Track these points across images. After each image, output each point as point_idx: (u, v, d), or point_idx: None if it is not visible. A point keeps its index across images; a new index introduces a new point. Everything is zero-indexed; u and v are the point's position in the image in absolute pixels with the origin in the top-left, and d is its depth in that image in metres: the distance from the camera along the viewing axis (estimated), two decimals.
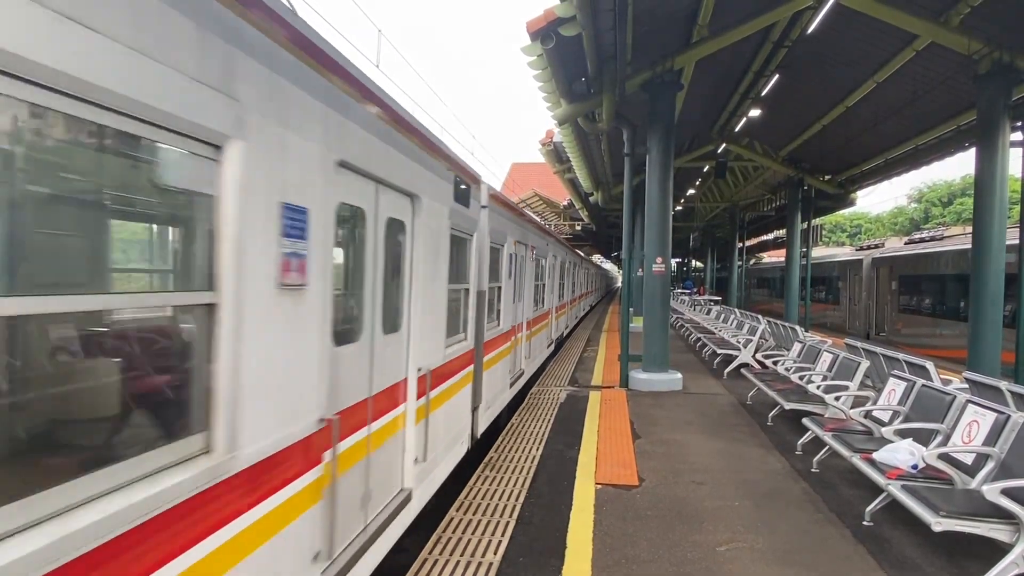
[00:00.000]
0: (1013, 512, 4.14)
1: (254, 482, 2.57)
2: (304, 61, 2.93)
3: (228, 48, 2.32)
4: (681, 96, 12.75)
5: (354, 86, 3.59)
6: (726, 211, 36.02)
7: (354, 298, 3.93)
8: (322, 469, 3.18)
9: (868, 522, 5.47)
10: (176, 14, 2.02)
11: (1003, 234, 11.31)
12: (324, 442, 3.19)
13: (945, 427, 5.78)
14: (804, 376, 9.24)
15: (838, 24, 12.11)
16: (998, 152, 11.30)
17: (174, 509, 2.06)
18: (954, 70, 12.71)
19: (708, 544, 4.99)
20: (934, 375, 7.76)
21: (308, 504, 3.06)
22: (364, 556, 3.74)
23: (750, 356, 13.91)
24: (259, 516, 2.61)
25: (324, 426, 3.17)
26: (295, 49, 2.85)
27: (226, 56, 2.31)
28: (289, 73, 2.78)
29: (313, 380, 3.10)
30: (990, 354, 11.19)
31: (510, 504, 5.72)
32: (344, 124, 3.40)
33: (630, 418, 9.30)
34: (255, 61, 2.49)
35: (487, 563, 4.55)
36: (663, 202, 11.86)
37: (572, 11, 8.69)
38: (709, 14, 10.73)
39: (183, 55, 2.05)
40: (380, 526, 4.05)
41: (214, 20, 2.23)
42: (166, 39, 1.97)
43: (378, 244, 4.10)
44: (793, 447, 7.73)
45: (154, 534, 1.98)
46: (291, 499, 2.88)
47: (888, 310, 23.59)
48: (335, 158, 3.26)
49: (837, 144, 19.96)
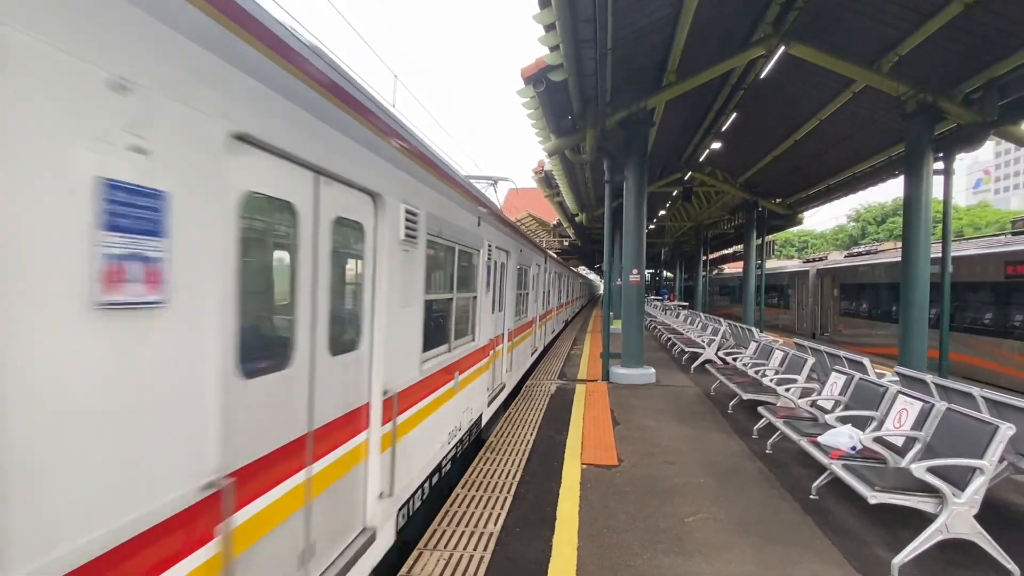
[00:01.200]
0: (936, 487, 4.18)
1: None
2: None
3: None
4: (653, 131, 12.81)
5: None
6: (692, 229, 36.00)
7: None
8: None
9: (814, 496, 5.50)
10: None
11: (928, 249, 11.39)
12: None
13: (879, 414, 5.82)
14: (759, 371, 9.28)
15: (787, 70, 12.21)
16: (923, 179, 11.40)
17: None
18: (885, 109, 12.80)
19: (677, 515, 5.00)
20: (870, 370, 7.79)
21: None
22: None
23: (713, 353, 13.92)
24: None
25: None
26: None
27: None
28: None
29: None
30: (918, 352, 11.23)
31: (508, 482, 5.72)
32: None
33: (611, 407, 9.29)
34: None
35: (488, 533, 4.56)
36: (638, 222, 11.91)
37: (560, 60, 8.76)
38: (677, 62, 10.82)
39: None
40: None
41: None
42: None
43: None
44: (750, 432, 7.74)
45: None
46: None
47: (831, 314, 23.64)
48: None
49: (787, 172, 20.03)
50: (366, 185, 3.38)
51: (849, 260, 24.13)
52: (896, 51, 10.57)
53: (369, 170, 3.41)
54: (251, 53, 2.25)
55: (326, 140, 2.87)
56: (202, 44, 1.97)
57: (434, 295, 5.17)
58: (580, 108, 11.17)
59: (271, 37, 2.39)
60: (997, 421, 4.37)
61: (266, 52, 2.34)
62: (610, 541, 4.48)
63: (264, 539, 2.45)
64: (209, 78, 2.02)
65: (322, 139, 2.83)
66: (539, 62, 9.23)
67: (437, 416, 5.16)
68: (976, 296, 14.57)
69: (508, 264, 9.01)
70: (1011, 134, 11.13)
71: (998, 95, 10.54)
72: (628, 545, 4.42)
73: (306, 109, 2.66)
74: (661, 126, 14.08)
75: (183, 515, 1.91)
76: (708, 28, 10.21)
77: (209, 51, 2.00)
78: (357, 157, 3.23)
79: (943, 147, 11.85)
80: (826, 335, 23.50)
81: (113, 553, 1.63)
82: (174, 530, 1.87)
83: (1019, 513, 5.40)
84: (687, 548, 4.40)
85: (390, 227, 3.72)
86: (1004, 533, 4.44)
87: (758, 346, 11.01)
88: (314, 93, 2.74)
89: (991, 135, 11.18)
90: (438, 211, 4.91)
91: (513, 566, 4.06)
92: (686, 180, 21.52)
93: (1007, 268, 13.49)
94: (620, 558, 4.21)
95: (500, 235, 8.18)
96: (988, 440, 4.25)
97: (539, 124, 11.67)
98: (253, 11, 2.29)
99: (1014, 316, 13.28)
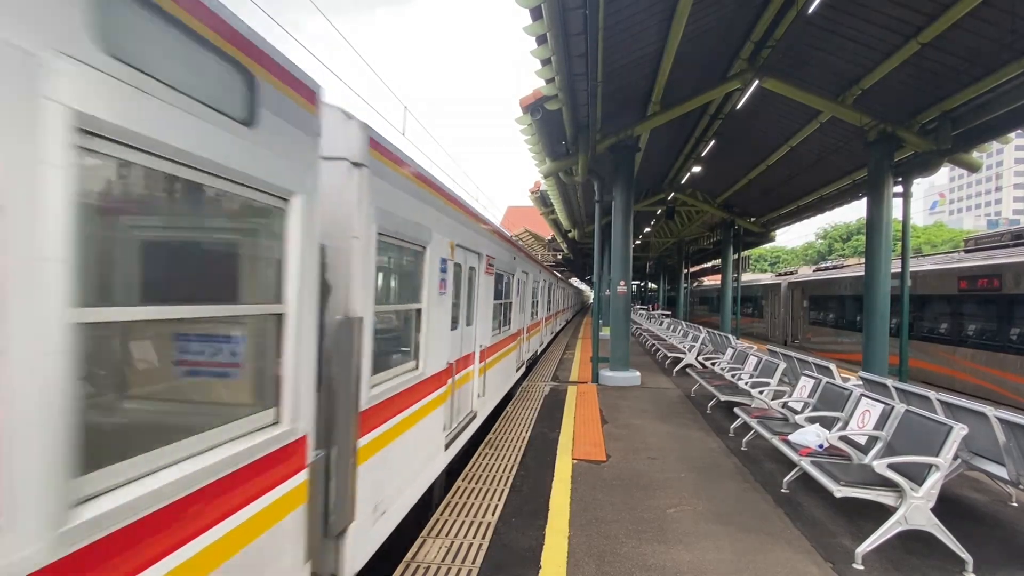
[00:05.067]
0: (896, 482, 4.18)
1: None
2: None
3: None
4: (639, 156, 12.89)
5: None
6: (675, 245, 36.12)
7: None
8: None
9: (785, 490, 5.49)
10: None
11: (888, 264, 11.45)
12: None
13: (844, 415, 5.82)
14: (735, 374, 9.27)
15: (760, 102, 12.31)
16: (884, 201, 11.49)
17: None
18: (850, 137, 12.92)
19: (660, 507, 4.99)
20: (836, 374, 7.79)
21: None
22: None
23: (693, 358, 13.92)
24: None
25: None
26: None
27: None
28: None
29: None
30: (880, 358, 11.25)
31: (505, 475, 5.70)
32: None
33: (600, 407, 9.26)
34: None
35: (487, 522, 4.53)
36: (625, 238, 11.95)
37: (555, 91, 8.84)
38: (661, 94, 10.92)
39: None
40: None
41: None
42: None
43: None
44: (727, 430, 7.73)
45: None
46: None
47: (801, 323, 23.65)
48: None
49: (760, 193, 20.14)
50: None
51: (817, 274, 24.19)
52: (859, 85, 10.69)
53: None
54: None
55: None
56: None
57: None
58: (573, 134, 11.26)
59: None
60: (951, 422, 4.38)
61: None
62: (598, 530, 4.46)
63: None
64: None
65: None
66: (536, 93, 9.32)
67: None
68: (932, 308, 14.62)
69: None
70: (963, 161, 11.23)
71: (951, 126, 10.65)
72: (615, 534, 4.40)
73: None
74: (646, 151, 14.16)
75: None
76: (689, 63, 10.32)
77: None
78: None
79: (902, 172, 11.95)
80: (796, 342, 23.51)
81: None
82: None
83: (972, 506, 5.39)
84: (669, 537, 4.38)
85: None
86: (958, 525, 4.45)
87: (734, 352, 11.02)
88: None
89: (945, 162, 11.28)
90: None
91: (509, 553, 4.04)
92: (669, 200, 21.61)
93: (960, 283, 13.56)
94: (607, 546, 4.19)
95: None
96: (943, 439, 4.25)
97: (536, 148, 11.76)
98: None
99: (967, 326, 13.32)
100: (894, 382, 6.82)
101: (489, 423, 7.98)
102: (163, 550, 1.71)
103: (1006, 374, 11.95)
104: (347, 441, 2.96)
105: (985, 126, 10.44)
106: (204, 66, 1.86)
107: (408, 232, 3.97)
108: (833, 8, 8.99)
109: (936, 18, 8.38)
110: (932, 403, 5.71)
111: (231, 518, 2.04)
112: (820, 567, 3.97)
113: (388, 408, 3.70)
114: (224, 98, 1.94)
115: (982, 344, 12.74)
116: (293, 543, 2.52)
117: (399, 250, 4.11)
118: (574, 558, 3.99)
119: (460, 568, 3.79)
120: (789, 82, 10.87)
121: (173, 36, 1.73)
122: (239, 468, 2.08)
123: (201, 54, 1.85)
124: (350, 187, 3.09)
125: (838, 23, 9.44)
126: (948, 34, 8.64)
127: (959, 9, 7.98)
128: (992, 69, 9.06)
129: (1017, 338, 11.78)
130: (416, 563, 3.84)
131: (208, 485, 1.91)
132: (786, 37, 9.94)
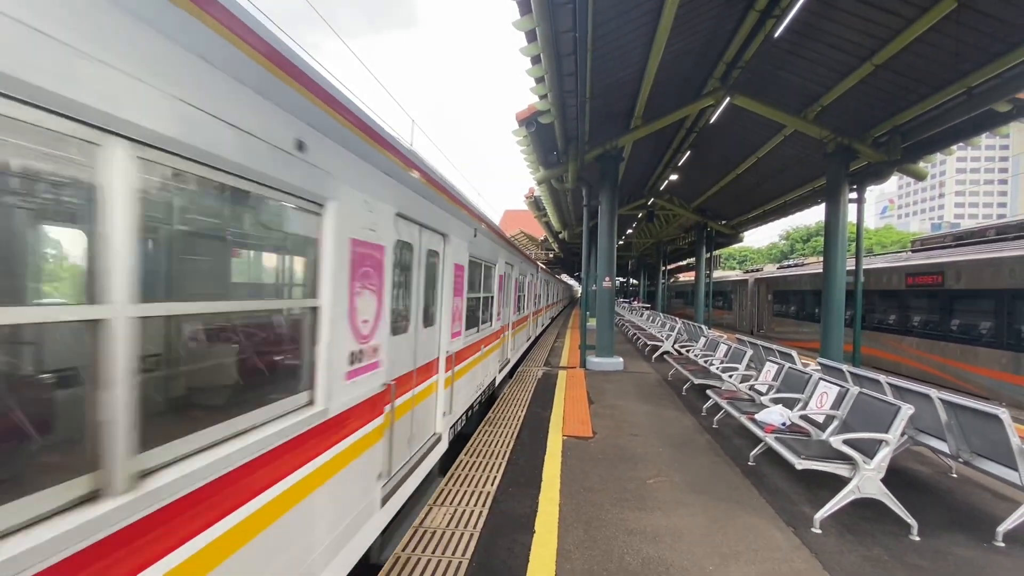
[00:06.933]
0: (851, 456, 4.20)
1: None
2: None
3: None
4: (623, 166, 12.84)
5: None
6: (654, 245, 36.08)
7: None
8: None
9: (752, 463, 5.52)
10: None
11: (844, 262, 11.48)
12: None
13: (804, 396, 5.84)
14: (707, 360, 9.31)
15: (732, 117, 12.28)
16: (840, 206, 11.50)
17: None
18: (811, 149, 12.92)
19: (641, 478, 5.00)
20: (797, 360, 7.83)
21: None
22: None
23: (670, 346, 13.95)
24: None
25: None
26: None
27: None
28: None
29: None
30: (836, 346, 11.29)
31: (502, 450, 5.70)
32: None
33: (587, 389, 9.27)
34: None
35: (486, 492, 4.54)
36: (610, 238, 11.92)
37: (548, 107, 8.79)
38: (642, 110, 10.87)
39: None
40: None
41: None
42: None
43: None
44: (700, 410, 7.76)
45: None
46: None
47: (766, 315, 23.73)
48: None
49: (730, 199, 20.13)
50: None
51: (781, 271, 24.23)
52: (819, 102, 10.68)
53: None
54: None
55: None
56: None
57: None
58: (564, 145, 11.21)
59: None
60: (899, 403, 4.40)
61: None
62: (586, 499, 4.47)
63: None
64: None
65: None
66: (531, 108, 9.27)
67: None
68: (883, 301, 14.69)
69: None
70: (911, 171, 11.26)
71: (901, 139, 10.65)
72: (600, 502, 4.41)
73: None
74: (629, 161, 14.14)
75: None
76: (668, 83, 10.28)
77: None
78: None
79: (856, 180, 11.96)
80: (762, 332, 23.59)
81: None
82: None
83: (917, 477, 5.43)
84: (648, 504, 4.39)
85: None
86: (905, 494, 4.50)
87: (707, 340, 11.06)
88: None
89: (895, 171, 11.30)
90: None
91: (506, 518, 4.04)
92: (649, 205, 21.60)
93: (907, 279, 13.62)
94: (594, 512, 4.20)
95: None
96: (892, 418, 4.28)
97: (530, 158, 11.70)
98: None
99: (913, 317, 13.40)
100: (849, 367, 6.85)
101: (482, 421, 6.90)
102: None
103: (947, 360, 12.04)
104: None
105: (931, 139, 10.46)
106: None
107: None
108: (798, 33, 8.97)
109: (888, 42, 8.37)
110: (882, 386, 5.74)
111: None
112: (783, 531, 3.99)
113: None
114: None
115: (926, 334, 12.82)
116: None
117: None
118: (564, 523, 3.99)
119: (463, 532, 3.79)
120: (757, 99, 10.85)
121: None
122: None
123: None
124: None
125: (802, 46, 9.42)
126: (899, 56, 8.63)
127: (909, 34, 7.98)
128: (938, 88, 9.07)
129: (957, 328, 11.87)
130: (423, 528, 3.84)
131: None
132: (755, 59, 9.91)
